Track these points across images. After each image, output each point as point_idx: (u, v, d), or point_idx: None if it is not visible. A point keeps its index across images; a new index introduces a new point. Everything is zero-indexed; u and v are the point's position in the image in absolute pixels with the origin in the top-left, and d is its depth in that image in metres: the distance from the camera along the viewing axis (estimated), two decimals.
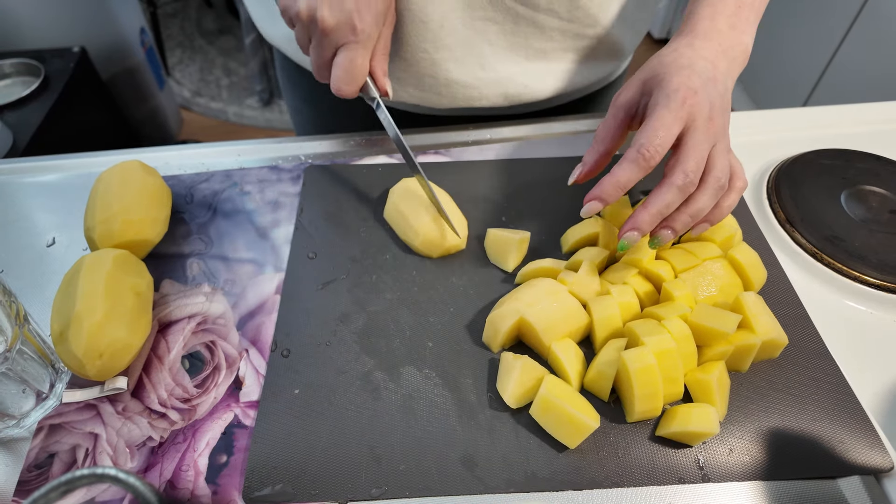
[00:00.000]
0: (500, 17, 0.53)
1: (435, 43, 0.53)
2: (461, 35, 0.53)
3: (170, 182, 0.57)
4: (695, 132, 0.40)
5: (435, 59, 0.55)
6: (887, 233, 0.50)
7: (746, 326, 0.40)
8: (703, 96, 0.40)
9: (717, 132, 0.41)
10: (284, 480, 0.37)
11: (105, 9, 1.48)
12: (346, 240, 0.51)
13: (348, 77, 0.46)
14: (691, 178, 0.39)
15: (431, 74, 0.56)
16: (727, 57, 0.44)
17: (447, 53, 0.54)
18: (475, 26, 0.53)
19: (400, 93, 0.59)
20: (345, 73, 0.46)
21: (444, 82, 0.56)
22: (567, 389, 0.38)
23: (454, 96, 0.58)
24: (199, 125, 2.11)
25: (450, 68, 0.55)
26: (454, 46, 0.54)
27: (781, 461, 0.37)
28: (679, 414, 0.38)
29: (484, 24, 0.53)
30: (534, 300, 0.41)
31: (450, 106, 0.59)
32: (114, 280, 0.42)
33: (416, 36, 0.53)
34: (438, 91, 0.57)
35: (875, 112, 0.63)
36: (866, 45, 1.41)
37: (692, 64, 0.42)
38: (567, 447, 0.38)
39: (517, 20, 0.53)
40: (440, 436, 0.39)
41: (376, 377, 0.42)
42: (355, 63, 0.46)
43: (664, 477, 0.37)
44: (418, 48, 0.54)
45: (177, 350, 0.44)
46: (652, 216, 0.40)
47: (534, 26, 0.54)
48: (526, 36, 0.55)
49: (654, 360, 0.37)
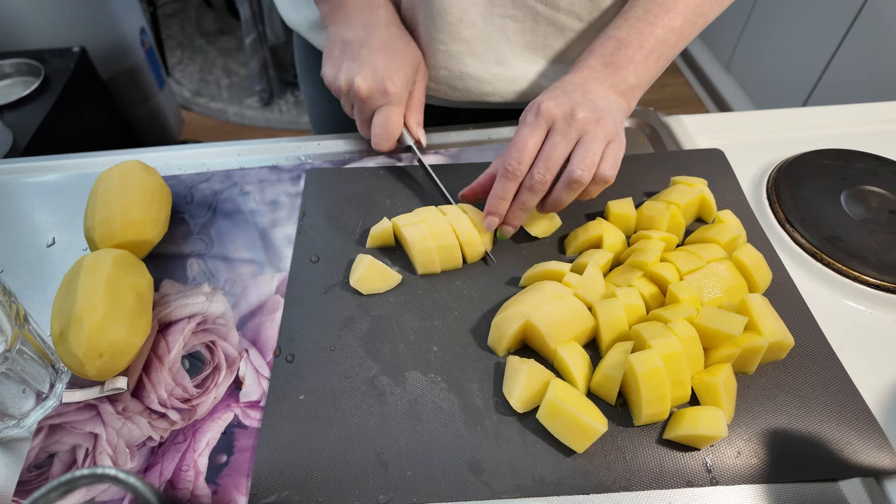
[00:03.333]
0: (520, 14, 0.53)
1: (452, 35, 0.54)
2: (480, 30, 0.54)
3: (170, 182, 0.57)
4: (553, 134, 0.44)
5: (451, 51, 0.55)
6: (887, 233, 0.50)
7: (753, 328, 0.40)
8: (562, 100, 0.45)
9: (582, 126, 0.44)
10: (291, 487, 0.37)
11: (105, 9, 1.48)
12: (349, 243, 0.51)
13: (385, 133, 0.53)
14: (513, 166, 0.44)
15: (446, 66, 0.57)
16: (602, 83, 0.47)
17: (464, 47, 0.55)
18: (494, 22, 0.54)
19: None
20: (381, 130, 0.52)
21: (459, 75, 0.57)
22: (574, 393, 0.38)
23: (468, 90, 0.58)
24: (199, 125, 2.11)
25: (466, 62, 0.56)
26: (472, 41, 0.55)
27: (790, 463, 0.37)
28: (687, 417, 0.37)
29: (503, 21, 0.54)
30: (539, 303, 0.41)
31: (463, 99, 0.60)
32: (114, 280, 0.41)
33: (434, 27, 0.54)
34: (453, 84, 0.58)
35: (875, 112, 0.63)
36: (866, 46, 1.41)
37: (556, 86, 0.47)
38: (574, 451, 0.37)
39: (537, 19, 0.54)
40: (447, 441, 0.38)
41: (381, 382, 0.41)
42: (389, 121, 0.52)
43: (672, 480, 0.37)
44: (435, 39, 0.55)
45: (177, 350, 0.44)
46: (497, 200, 0.46)
47: (553, 26, 0.54)
48: (545, 36, 0.55)
49: (661, 364, 0.36)
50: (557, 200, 0.46)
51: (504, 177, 0.45)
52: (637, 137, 0.61)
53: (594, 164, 0.44)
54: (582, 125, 0.44)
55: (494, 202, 0.46)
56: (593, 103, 0.45)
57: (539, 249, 0.50)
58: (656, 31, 0.48)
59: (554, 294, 0.42)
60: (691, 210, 0.50)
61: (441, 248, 0.46)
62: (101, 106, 1.46)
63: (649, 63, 0.48)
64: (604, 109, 0.45)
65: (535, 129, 0.45)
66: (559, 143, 0.44)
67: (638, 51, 0.48)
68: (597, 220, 0.49)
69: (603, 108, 0.45)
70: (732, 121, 0.63)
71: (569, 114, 0.44)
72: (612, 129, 0.45)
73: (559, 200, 0.46)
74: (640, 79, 0.48)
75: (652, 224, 0.48)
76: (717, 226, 0.47)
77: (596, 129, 0.44)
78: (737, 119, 0.63)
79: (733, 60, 1.95)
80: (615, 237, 0.48)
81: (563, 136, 0.44)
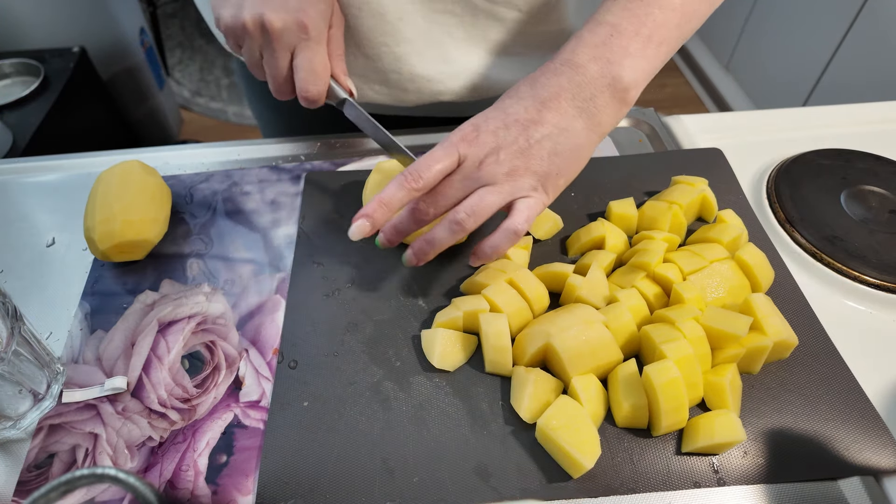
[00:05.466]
0: (458, 9, 0.52)
1: (395, 36, 0.53)
2: (421, 28, 0.53)
3: (170, 182, 0.57)
4: (459, 171, 0.40)
5: (397, 53, 0.54)
6: (887, 233, 0.50)
7: (757, 328, 0.40)
8: (487, 138, 0.40)
9: (489, 176, 0.40)
10: (297, 496, 0.36)
11: (105, 9, 1.48)
12: (350, 247, 0.50)
13: (313, 77, 0.45)
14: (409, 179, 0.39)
15: (395, 69, 0.55)
16: (580, 94, 0.41)
17: (409, 47, 0.54)
18: (435, 19, 0.53)
19: (367, 91, 0.58)
20: (308, 73, 0.45)
21: (409, 77, 0.56)
22: (570, 417, 0.36)
23: (420, 91, 0.57)
24: (199, 125, 2.11)
25: (413, 62, 0.55)
26: (415, 39, 0.53)
27: (797, 462, 0.37)
28: (702, 427, 0.37)
29: (443, 17, 0.53)
30: (566, 325, 0.39)
31: (417, 102, 0.58)
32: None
33: (375, 30, 0.52)
34: (404, 87, 0.57)
35: (874, 112, 0.63)
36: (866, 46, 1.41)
37: (507, 106, 0.41)
38: None
39: (475, 12, 0.53)
40: (453, 446, 0.38)
41: (386, 387, 0.41)
42: (315, 61, 0.45)
43: (679, 482, 0.36)
44: (378, 42, 0.53)
45: (177, 350, 0.44)
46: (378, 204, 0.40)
47: (493, 18, 0.53)
48: (485, 28, 0.54)
49: (678, 373, 0.36)
50: (432, 239, 0.41)
51: (398, 183, 0.40)
52: (636, 137, 0.61)
53: (482, 219, 0.40)
54: (490, 175, 0.40)
55: (374, 205, 0.40)
56: (521, 149, 0.40)
57: (542, 251, 0.50)
58: (653, 12, 0.41)
59: (583, 318, 0.39)
60: (693, 210, 0.50)
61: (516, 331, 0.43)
62: (101, 106, 1.46)
63: (648, 54, 0.42)
64: (534, 157, 0.40)
65: (449, 154, 0.40)
66: (455, 183, 0.40)
67: (634, 39, 0.41)
68: (598, 220, 0.49)
69: (534, 156, 0.40)
70: (732, 121, 0.63)
71: (479, 158, 0.40)
72: (526, 184, 0.40)
73: (434, 240, 0.41)
74: (635, 74, 0.41)
75: (654, 224, 0.48)
76: (719, 225, 0.47)
77: (504, 184, 0.40)
78: (736, 119, 0.63)
79: (733, 60, 1.95)
80: (617, 238, 0.47)
81: (462, 180, 0.40)
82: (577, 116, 0.41)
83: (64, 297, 0.48)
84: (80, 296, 0.48)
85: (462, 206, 0.40)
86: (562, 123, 0.41)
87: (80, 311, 0.47)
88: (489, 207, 0.40)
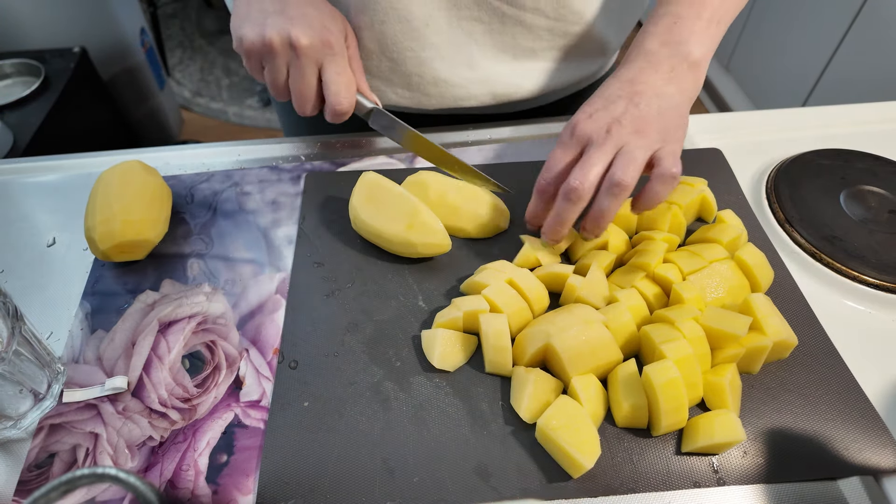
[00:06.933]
0: (486, 16, 0.53)
1: (420, 41, 0.53)
2: (447, 34, 0.53)
3: (170, 182, 0.57)
4: (589, 149, 0.43)
5: (421, 57, 0.54)
6: (886, 233, 0.50)
7: (757, 328, 0.40)
8: (599, 116, 0.43)
9: (618, 139, 0.42)
10: (297, 496, 0.36)
11: (105, 9, 1.48)
12: (350, 247, 0.50)
13: (344, 90, 0.47)
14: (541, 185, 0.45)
15: (418, 73, 0.56)
16: (660, 69, 0.44)
17: (434, 52, 0.54)
18: (461, 26, 0.53)
19: (389, 94, 0.58)
20: (338, 85, 0.47)
21: (432, 81, 0.56)
22: (570, 417, 0.36)
23: (442, 96, 0.58)
24: (199, 125, 2.11)
25: (437, 67, 0.55)
26: (441, 45, 0.54)
27: (796, 462, 0.37)
28: (701, 427, 0.37)
29: (470, 24, 0.53)
30: (566, 325, 0.39)
31: (438, 106, 0.59)
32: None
33: (401, 34, 0.53)
34: (427, 91, 0.57)
35: (874, 112, 0.63)
36: (865, 46, 1.41)
37: (601, 93, 0.45)
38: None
39: (504, 20, 0.53)
40: (453, 446, 0.38)
41: (386, 388, 0.41)
42: (344, 75, 0.47)
43: (679, 482, 0.36)
44: (404, 47, 0.54)
45: (177, 350, 0.44)
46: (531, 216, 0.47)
47: (521, 25, 0.54)
48: (513, 35, 0.55)
49: (677, 373, 0.36)
50: (600, 211, 0.42)
51: (535, 194, 0.45)
52: None
53: (638, 170, 0.41)
54: (618, 138, 0.42)
55: (555, 227, 0.44)
56: (636, 114, 0.42)
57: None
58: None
59: (583, 318, 0.40)
60: (692, 210, 0.50)
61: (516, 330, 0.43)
62: (101, 106, 1.46)
63: (711, 32, 0.45)
64: (649, 117, 0.42)
65: (568, 148, 0.44)
66: (593, 154, 0.42)
67: (697, 21, 0.45)
68: None
69: (648, 116, 0.42)
70: (732, 121, 0.63)
71: (603, 130, 0.42)
72: (655, 138, 0.42)
73: (601, 210, 0.42)
74: (704, 48, 0.45)
75: (653, 224, 0.48)
76: (719, 225, 0.47)
77: (637, 139, 0.42)
78: (736, 119, 0.63)
79: (733, 60, 1.95)
80: (618, 238, 0.47)
81: (599, 148, 0.42)
82: (666, 84, 0.44)
83: (64, 296, 0.48)
84: (81, 296, 0.48)
85: (614, 169, 0.41)
86: (656, 90, 0.44)
87: (80, 311, 0.47)
88: (638, 161, 0.41)
